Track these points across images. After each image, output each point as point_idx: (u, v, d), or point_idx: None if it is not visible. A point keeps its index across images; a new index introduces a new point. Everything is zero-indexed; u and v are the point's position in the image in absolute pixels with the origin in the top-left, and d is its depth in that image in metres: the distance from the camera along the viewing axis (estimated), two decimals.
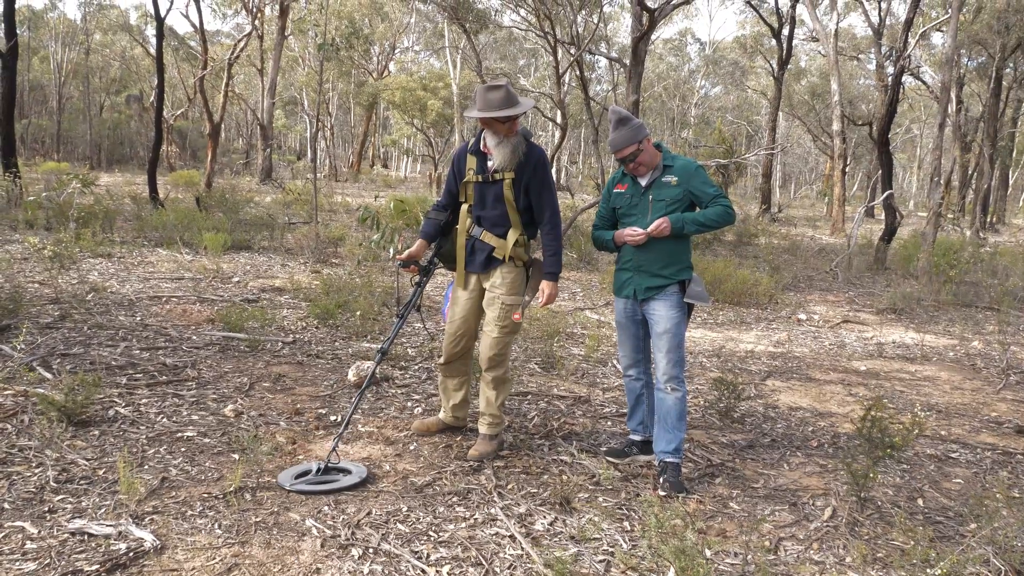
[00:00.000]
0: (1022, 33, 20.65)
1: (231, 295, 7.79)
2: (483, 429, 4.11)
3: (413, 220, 12.38)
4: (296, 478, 3.62)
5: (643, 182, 3.97)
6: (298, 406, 4.68)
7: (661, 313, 3.88)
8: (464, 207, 4.08)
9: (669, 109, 49.55)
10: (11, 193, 12.79)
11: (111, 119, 42.71)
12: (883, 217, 16.46)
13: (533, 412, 4.90)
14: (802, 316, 9.23)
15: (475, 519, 3.36)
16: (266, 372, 5.33)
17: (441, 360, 4.26)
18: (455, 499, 3.55)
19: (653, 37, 18.33)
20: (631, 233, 3.89)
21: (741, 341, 7.69)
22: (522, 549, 3.12)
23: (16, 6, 14.41)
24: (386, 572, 2.90)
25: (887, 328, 8.85)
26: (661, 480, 3.80)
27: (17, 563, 2.76)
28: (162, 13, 15.87)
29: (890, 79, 17.29)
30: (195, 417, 4.36)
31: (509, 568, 2.98)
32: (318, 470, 3.66)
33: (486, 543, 3.16)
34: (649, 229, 3.84)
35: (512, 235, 3.98)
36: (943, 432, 5.06)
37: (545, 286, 3.98)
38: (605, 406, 5.16)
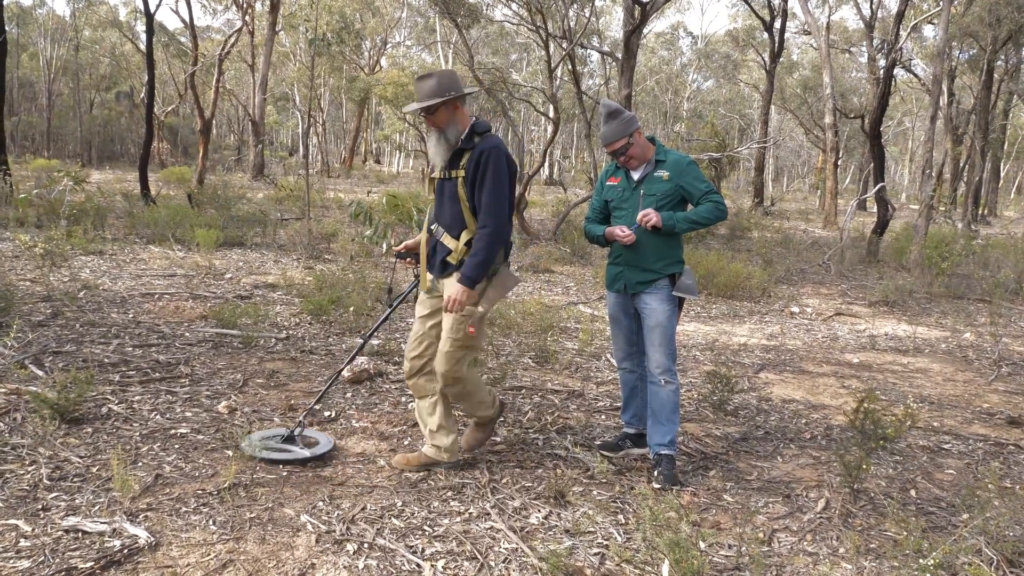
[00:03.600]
0: (1013, 25, 20.69)
1: (224, 292, 7.76)
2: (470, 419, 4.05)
3: (405, 215, 12.35)
4: (263, 440, 3.87)
5: (635, 176, 3.97)
6: (292, 402, 4.67)
7: (652, 307, 3.88)
8: (432, 206, 3.85)
9: (661, 103, 49.58)
10: (1, 191, 12.71)
11: (101, 116, 42.49)
12: (875, 210, 16.51)
13: (527, 406, 4.90)
14: (795, 309, 9.25)
15: (470, 513, 3.37)
16: (259, 368, 5.32)
17: (404, 372, 3.88)
18: (450, 494, 3.56)
19: (645, 31, 18.33)
20: (621, 233, 3.88)
21: (734, 334, 7.71)
22: (517, 543, 3.12)
23: (4, 3, 14.31)
24: (381, 567, 2.90)
25: (879, 320, 8.88)
26: (655, 473, 3.81)
27: (11, 561, 2.75)
28: (152, 9, 15.77)
29: (882, 72, 17.31)
30: (189, 414, 4.35)
31: (504, 562, 2.98)
32: (284, 438, 3.89)
33: (481, 537, 3.17)
34: (637, 219, 3.83)
35: (465, 237, 3.62)
36: (935, 423, 5.08)
37: (452, 290, 3.53)
38: (599, 400, 5.17)
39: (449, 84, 3.59)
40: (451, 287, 3.56)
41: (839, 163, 28.12)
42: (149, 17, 15.48)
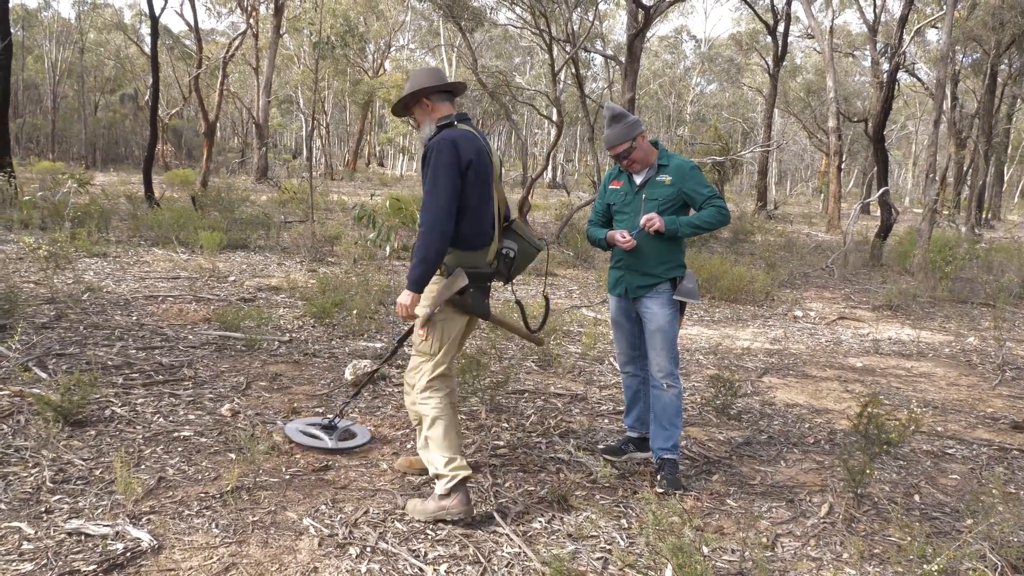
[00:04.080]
0: (1017, 29, 20.64)
1: (227, 294, 7.77)
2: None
3: (409, 218, 12.36)
4: (307, 426, 4.15)
5: (638, 180, 3.97)
6: (295, 405, 4.67)
7: (653, 311, 3.88)
8: None
9: (665, 106, 49.57)
10: (6, 193, 12.74)
11: (106, 118, 42.64)
12: (879, 214, 16.48)
13: (530, 410, 4.90)
14: (798, 313, 9.24)
15: (472, 517, 3.36)
16: (263, 371, 5.32)
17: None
18: None
19: (649, 34, 18.34)
20: (621, 239, 3.87)
21: (737, 338, 7.70)
22: (520, 547, 3.12)
23: (10, 5, 14.36)
24: (384, 571, 2.90)
25: (883, 324, 8.86)
26: (658, 477, 3.81)
27: (14, 564, 2.76)
28: (156, 11, 15.81)
29: (885, 76, 17.31)
30: (192, 417, 4.35)
31: (507, 566, 2.98)
32: (324, 426, 4.12)
33: (483, 541, 3.16)
34: (640, 222, 3.82)
35: None
36: (939, 428, 5.07)
37: (401, 295, 3.29)
38: (602, 403, 5.17)
39: (417, 81, 3.50)
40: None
41: (842, 167, 28.09)
42: (154, 20, 15.52)
